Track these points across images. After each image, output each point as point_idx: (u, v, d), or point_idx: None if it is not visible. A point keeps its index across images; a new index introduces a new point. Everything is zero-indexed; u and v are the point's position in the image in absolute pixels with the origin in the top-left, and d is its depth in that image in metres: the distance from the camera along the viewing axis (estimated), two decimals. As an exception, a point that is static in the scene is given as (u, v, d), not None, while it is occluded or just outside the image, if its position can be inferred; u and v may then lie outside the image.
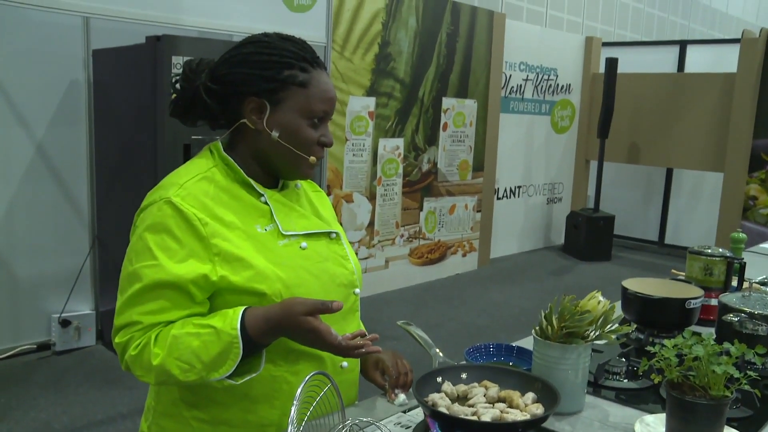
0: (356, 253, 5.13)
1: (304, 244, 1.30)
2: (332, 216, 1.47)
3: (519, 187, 6.97)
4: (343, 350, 1.16)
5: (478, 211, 6.29)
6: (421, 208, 5.75)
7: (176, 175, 1.27)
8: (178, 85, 1.30)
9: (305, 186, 1.48)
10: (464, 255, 6.24)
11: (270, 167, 1.32)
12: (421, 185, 5.73)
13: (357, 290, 1.39)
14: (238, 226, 1.24)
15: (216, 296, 1.23)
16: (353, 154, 5.08)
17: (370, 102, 5.13)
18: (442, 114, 5.76)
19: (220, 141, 1.33)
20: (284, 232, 1.28)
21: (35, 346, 3.88)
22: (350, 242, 5.02)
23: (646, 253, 7.35)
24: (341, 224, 4.96)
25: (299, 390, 0.94)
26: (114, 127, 3.81)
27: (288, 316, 1.15)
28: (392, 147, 5.40)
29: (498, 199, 6.70)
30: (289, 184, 1.39)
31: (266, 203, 1.30)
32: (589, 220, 6.77)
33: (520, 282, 5.98)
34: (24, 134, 3.77)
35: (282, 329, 1.16)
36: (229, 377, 1.17)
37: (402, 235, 5.61)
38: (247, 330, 1.15)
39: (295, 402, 0.90)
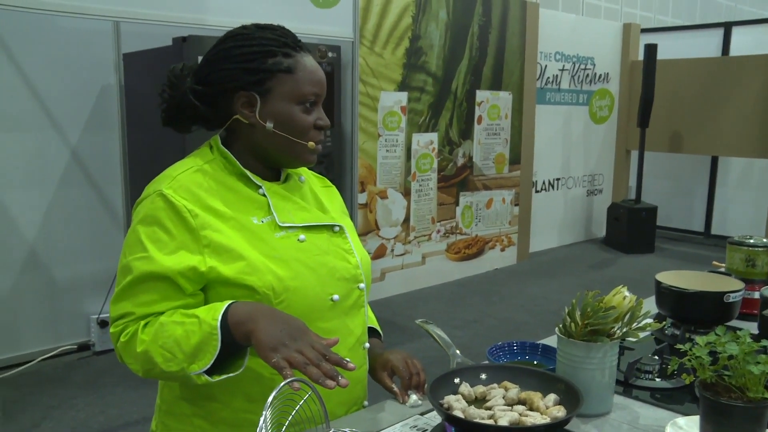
0: (392, 251, 5.08)
1: (302, 236, 1.27)
2: (341, 210, 1.44)
3: (558, 179, 6.84)
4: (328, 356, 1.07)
5: (516, 205, 6.19)
6: (457, 203, 5.68)
7: (172, 168, 1.27)
8: (165, 94, 1.29)
9: (314, 181, 1.45)
10: (503, 250, 6.15)
11: (270, 160, 1.30)
12: (457, 180, 5.65)
13: (361, 285, 1.35)
14: (233, 217, 1.22)
15: (209, 288, 1.21)
16: (386, 150, 5.03)
17: (402, 97, 5.08)
18: (476, 107, 5.67)
19: (219, 135, 1.31)
20: (281, 224, 1.25)
21: (75, 347, 3.94)
22: (386, 239, 5.03)
23: (691, 244, 7.15)
24: (376, 221, 4.90)
25: (270, 397, 0.88)
26: (146, 130, 3.83)
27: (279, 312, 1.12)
28: (426, 142, 5.34)
29: (536, 192, 6.59)
30: (292, 176, 1.37)
31: (264, 195, 1.27)
32: (631, 212, 6.60)
33: (560, 276, 5.87)
34: (59, 139, 3.82)
35: (261, 312, 1.11)
36: (209, 373, 1.13)
37: (438, 231, 5.55)
38: (228, 323, 1.11)
39: (264, 412, 0.85)
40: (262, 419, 0.81)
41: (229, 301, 1.15)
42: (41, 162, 3.78)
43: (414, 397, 1.33)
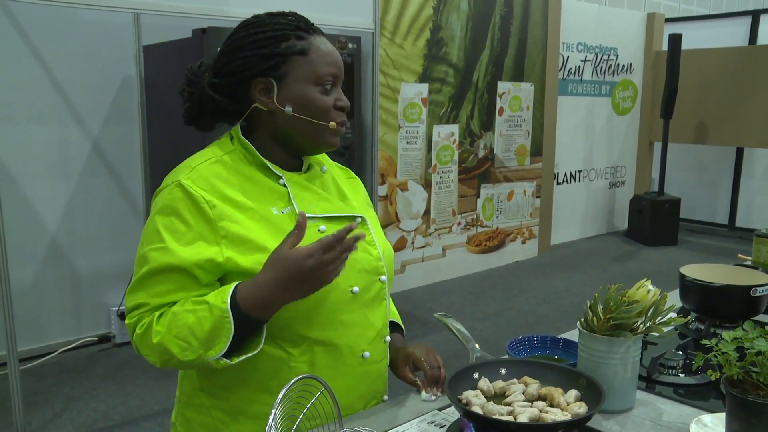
0: (412, 243, 5.05)
1: (322, 227, 1.25)
2: (364, 202, 1.43)
3: (579, 171, 6.77)
4: (343, 247, 1.09)
5: (537, 197, 6.13)
6: (478, 195, 5.64)
7: (191, 159, 1.26)
8: (185, 92, 1.29)
9: (337, 172, 1.43)
10: (524, 242, 6.10)
11: (293, 147, 1.28)
12: (478, 171, 5.61)
13: (383, 277, 1.32)
14: (251, 207, 1.21)
15: (226, 279, 1.19)
16: (407, 142, 5.01)
17: (423, 88, 5.04)
18: (498, 98, 5.62)
19: (240, 125, 1.30)
20: None
21: (96, 339, 3.97)
22: (407, 231, 5.01)
23: (715, 237, 7.05)
24: (396, 213, 4.86)
25: (280, 395, 0.86)
26: (166, 122, 3.84)
27: (278, 263, 1.10)
28: (447, 133, 5.30)
29: (558, 184, 6.52)
30: (314, 167, 1.35)
31: (284, 185, 1.26)
32: (654, 204, 6.51)
33: (582, 269, 5.81)
34: (80, 131, 3.84)
35: (279, 285, 1.10)
36: (228, 357, 1.13)
37: (459, 223, 5.51)
38: (240, 303, 1.11)
39: (273, 410, 0.84)
40: (271, 417, 0.80)
41: (235, 283, 1.14)
42: (63, 154, 3.80)
43: (424, 394, 1.31)
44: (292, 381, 0.89)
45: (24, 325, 3.64)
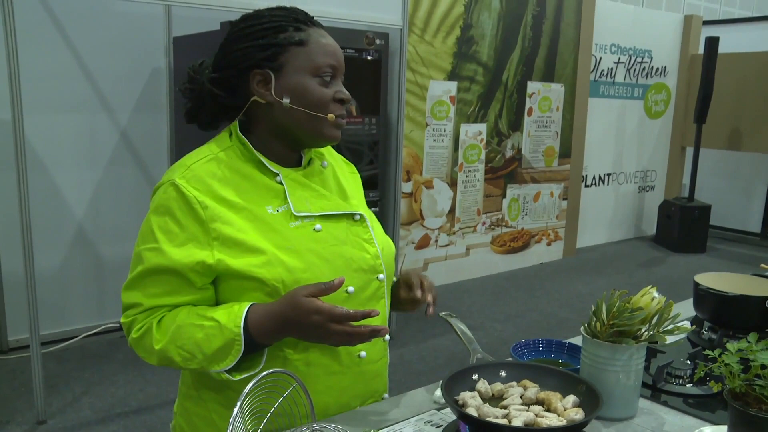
0: (436, 241, 5.03)
1: (318, 226, 1.24)
2: (362, 198, 1.42)
3: (609, 174, 6.69)
4: (353, 331, 1.11)
5: (564, 199, 6.08)
6: (504, 195, 5.61)
7: (188, 157, 1.26)
8: (186, 90, 1.30)
9: (342, 167, 1.42)
10: (549, 244, 6.05)
11: (294, 140, 1.28)
12: (505, 172, 5.58)
13: (381, 276, 1.31)
14: (245, 207, 1.21)
15: (219, 281, 1.20)
16: (434, 140, 4.99)
17: (452, 86, 5.02)
18: (527, 99, 5.58)
19: (239, 120, 1.30)
20: (296, 213, 1.23)
21: (118, 325, 4.02)
22: (431, 229, 5.00)
23: (746, 245, 6.91)
24: (420, 211, 4.85)
25: (246, 389, 0.86)
26: (193, 113, 3.88)
27: (290, 302, 1.11)
28: (474, 132, 5.27)
29: (586, 186, 6.45)
30: (315, 161, 1.34)
31: (281, 183, 1.25)
32: (683, 210, 6.41)
33: (607, 274, 5.75)
34: (109, 121, 3.90)
35: (286, 322, 1.12)
36: (228, 371, 1.15)
37: (484, 223, 5.49)
38: (250, 329, 1.13)
39: (238, 402, 0.83)
40: (236, 409, 0.80)
41: (247, 304, 1.15)
42: (91, 142, 3.86)
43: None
44: (261, 375, 0.89)
45: (49, 310, 3.71)
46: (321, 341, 1.14)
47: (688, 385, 1.41)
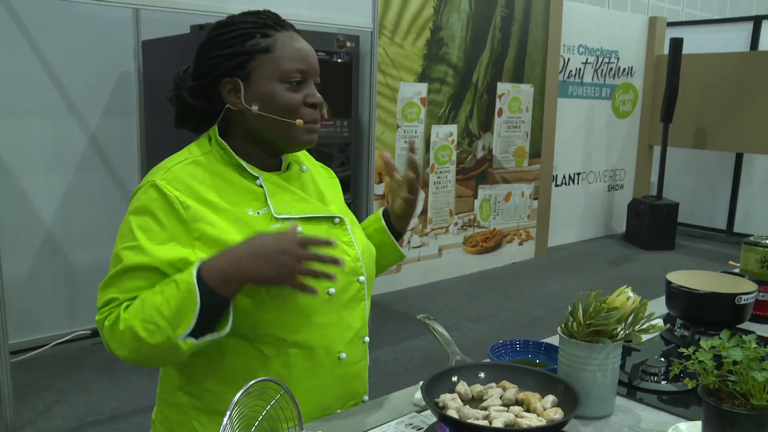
0: (409, 242, 5.03)
1: (299, 228, 1.24)
2: (341, 202, 1.42)
3: (578, 173, 6.77)
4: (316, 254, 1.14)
5: (535, 199, 6.14)
6: (475, 196, 5.64)
7: (168, 160, 1.26)
8: (172, 98, 1.31)
9: (320, 171, 1.43)
10: (521, 243, 6.11)
11: (268, 146, 1.28)
12: (476, 172, 5.61)
13: (362, 278, 1.32)
14: (227, 208, 1.21)
15: None
16: (405, 141, 5.00)
17: (422, 88, 5.04)
18: (497, 99, 5.62)
19: (217, 126, 1.30)
20: (277, 216, 1.24)
21: (90, 332, 3.97)
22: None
23: (713, 242, 7.04)
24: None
25: (236, 398, 0.86)
26: (163, 117, 3.82)
27: (251, 237, 1.14)
28: (445, 134, 5.30)
29: (556, 186, 6.52)
30: (294, 166, 1.35)
31: (261, 186, 1.26)
32: (652, 208, 6.51)
33: (578, 272, 5.81)
34: (78, 125, 3.85)
35: (243, 252, 1.12)
36: (195, 336, 1.12)
37: (456, 224, 5.52)
38: (202, 273, 1.11)
39: (228, 411, 0.83)
40: (226, 418, 0.80)
41: (199, 260, 1.14)
42: (60, 147, 3.80)
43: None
44: (249, 384, 0.89)
45: (18, 318, 3.65)
46: (280, 271, 1.11)
47: (663, 383, 1.43)
